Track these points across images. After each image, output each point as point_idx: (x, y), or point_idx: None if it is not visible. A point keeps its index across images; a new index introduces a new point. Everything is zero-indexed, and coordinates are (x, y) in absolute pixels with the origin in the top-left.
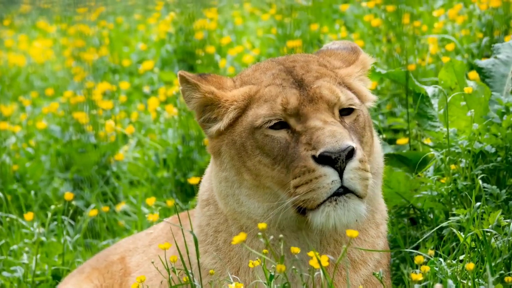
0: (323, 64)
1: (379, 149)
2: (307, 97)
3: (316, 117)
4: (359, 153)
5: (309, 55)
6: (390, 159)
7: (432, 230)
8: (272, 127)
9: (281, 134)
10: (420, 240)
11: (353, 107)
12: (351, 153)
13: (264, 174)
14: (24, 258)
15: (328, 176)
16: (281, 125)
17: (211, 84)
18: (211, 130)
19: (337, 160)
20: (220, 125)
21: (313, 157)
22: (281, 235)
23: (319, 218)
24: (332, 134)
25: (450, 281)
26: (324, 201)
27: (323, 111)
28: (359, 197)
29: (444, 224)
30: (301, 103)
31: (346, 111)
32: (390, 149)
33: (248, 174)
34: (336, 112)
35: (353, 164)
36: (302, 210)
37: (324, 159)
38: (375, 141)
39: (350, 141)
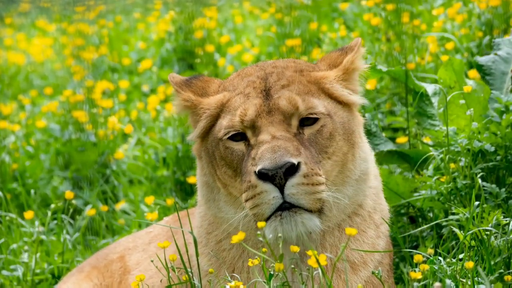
0: (301, 69)
1: (366, 154)
2: (267, 108)
3: (267, 130)
4: (304, 168)
5: (293, 60)
6: (391, 156)
7: (429, 225)
8: (231, 139)
9: (239, 147)
10: (420, 239)
11: (314, 116)
12: (290, 169)
13: (230, 184)
14: (24, 257)
15: (269, 192)
16: (241, 136)
17: (195, 89)
18: (190, 135)
19: (274, 177)
20: (194, 133)
21: (255, 172)
22: (280, 234)
23: (268, 232)
24: (273, 150)
25: (448, 281)
26: (270, 215)
27: (276, 124)
28: (309, 210)
29: (443, 222)
30: (259, 114)
31: (310, 121)
32: (391, 146)
33: (219, 183)
34: (295, 123)
35: (294, 180)
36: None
37: (263, 176)
38: (358, 148)
39: (290, 157)
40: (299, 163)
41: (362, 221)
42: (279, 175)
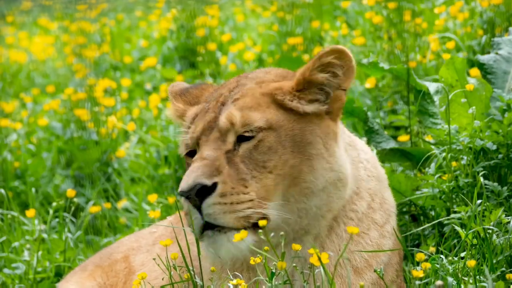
0: (263, 81)
1: (339, 162)
2: (212, 125)
3: (201, 149)
4: (220, 188)
5: (267, 71)
6: (393, 154)
7: (430, 224)
8: (189, 155)
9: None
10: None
11: (248, 134)
12: (202, 190)
13: None
14: (26, 255)
15: (193, 213)
16: (195, 153)
17: (189, 98)
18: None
19: (189, 198)
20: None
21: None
22: (282, 232)
23: (204, 251)
24: (191, 171)
25: (450, 279)
26: (201, 235)
27: (210, 142)
28: (238, 228)
29: (445, 220)
30: (204, 132)
31: (246, 137)
32: (393, 144)
33: None
34: (231, 139)
35: (210, 200)
36: None
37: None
38: (320, 159)
39: (203, 179)
40: (214, 183)
41: (359, 223)
42: (192, 197)
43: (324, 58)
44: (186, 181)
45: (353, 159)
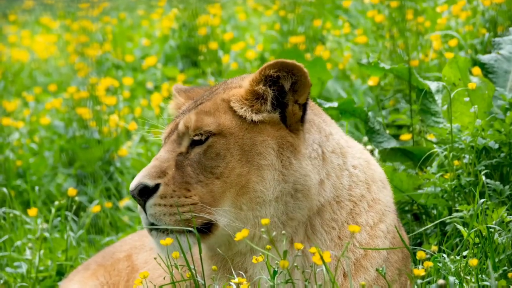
0: (229, 87)
1: (296, 174)
2: (176, 127)
3: (160, 150)
4: (162, 189)
5: (244, 76)
6: (394, 153)
7: (434, 223)
8: None
9: None
10: (424, 236)
11: (197, 138)
12: (144, 191)
13: None
14: (28, 254)
15: (140, 212)
16: None
17: (192, 94)
18: None
19: (135, 198)
20: None
21: None
22: (283, 231)
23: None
24: (142, 171)
25: (451, 279)
26: (150, 231)
27: (168, 144)
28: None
29: (447, 219)
30: (169, 133)
31: (199, 141)
32: (395, 144)
33: None
34: (185, 143)
35: (151, 201)
36: None
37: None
38: (272, 170)
39: (147, 179)
40: (157, 184)
41: (340, 230)
42: (135, 196)
43: (266, 71)
44: (133, 181)
45: (334, 168)
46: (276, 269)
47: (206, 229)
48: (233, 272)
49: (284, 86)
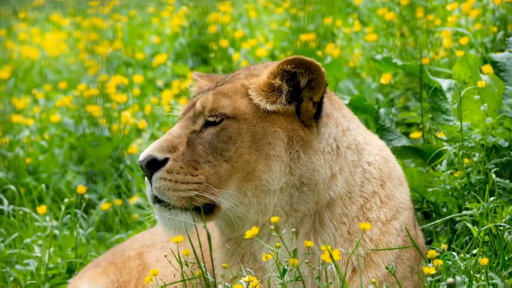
0: (252, 74)
1: (304, 169)
2: (193, 105)
3: (174, 125)
4: (170, 164)
5: (266, 65)
6: (405, 151)
7: (443, 219)
8: None
9: None
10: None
11: (212, 120)
12: (152, 163)
13: None
14: (37, 251)
15: (146, 183)
16: None
17: (213, 78)
18: None
19: (142, 169)
20: None
21: None
22: (293, 229)
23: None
24: (153, 143)
25: (458, 278)
26: (153, 204)
27: (183, 121)
28: (184, 208)
29: (457, 217)
30: (185, 111)
31: (213, 122)
32: (405, 141)
33: None
34: (200, 121)
35: (158, 174)
36: None
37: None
38: (279, 162)
39: (157, 152)
40: (166, 158)
41: (350, 226)
42: (143, 168)
43: (284, 65)
44: (144, 152)
45: (348, 163)
46: (285, 266)
47: (208, 210)
48: (241, 267)
49: (300, 82)
